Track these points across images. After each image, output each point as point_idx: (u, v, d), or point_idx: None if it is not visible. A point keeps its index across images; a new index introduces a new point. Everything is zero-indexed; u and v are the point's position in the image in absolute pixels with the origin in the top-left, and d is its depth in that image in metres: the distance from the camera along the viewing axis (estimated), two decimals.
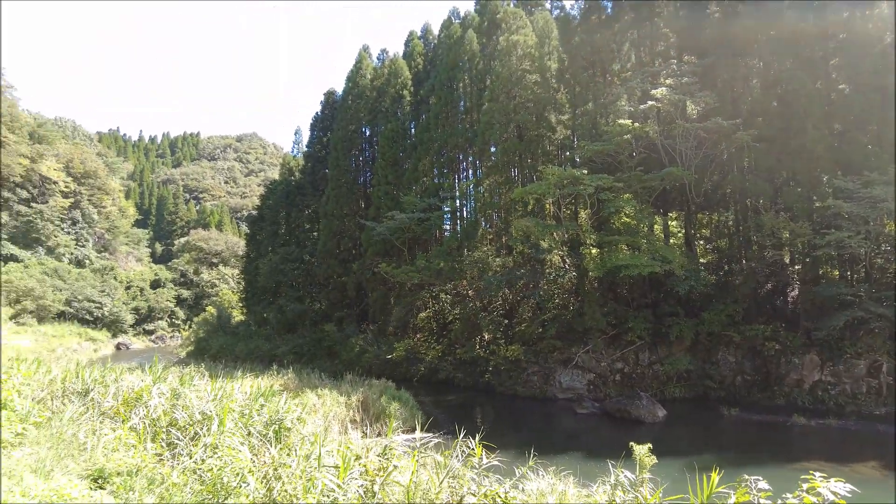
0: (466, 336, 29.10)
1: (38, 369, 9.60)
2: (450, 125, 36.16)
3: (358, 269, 38.31)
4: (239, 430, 7.32)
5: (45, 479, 4.67)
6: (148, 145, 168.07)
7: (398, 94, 40.59)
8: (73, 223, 75.23)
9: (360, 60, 44.79)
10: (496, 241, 33.26)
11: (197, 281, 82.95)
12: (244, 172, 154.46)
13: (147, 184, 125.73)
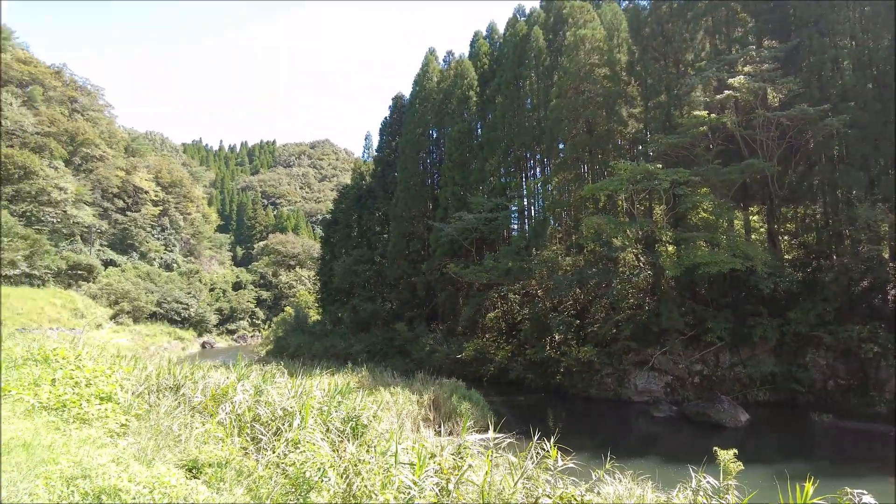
0: (536, 337, 28.76)
1: (135, 366, 10.36)
2: (517, 124, 35.91)
3: (427, 269, 38.75)
4: (318, 426, 7.58)
5: (148, 467, 5.02)
6: (228, 154, 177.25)
7: (464, 95, 40.72)
8: (163, 229, 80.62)
9: (427, 63, 45.29)
10: (566, 239, 32.70)
11: (275, 283, 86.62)
12: (318, 178, 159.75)
13: (228, 191, 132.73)
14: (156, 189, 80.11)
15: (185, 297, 68.45)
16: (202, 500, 4.80)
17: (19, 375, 7.97)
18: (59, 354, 8.99)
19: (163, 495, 4.52)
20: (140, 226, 75.68)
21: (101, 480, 4.35)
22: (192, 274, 76.81)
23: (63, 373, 7.89)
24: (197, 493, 4.87)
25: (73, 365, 8.58)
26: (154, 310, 63.80)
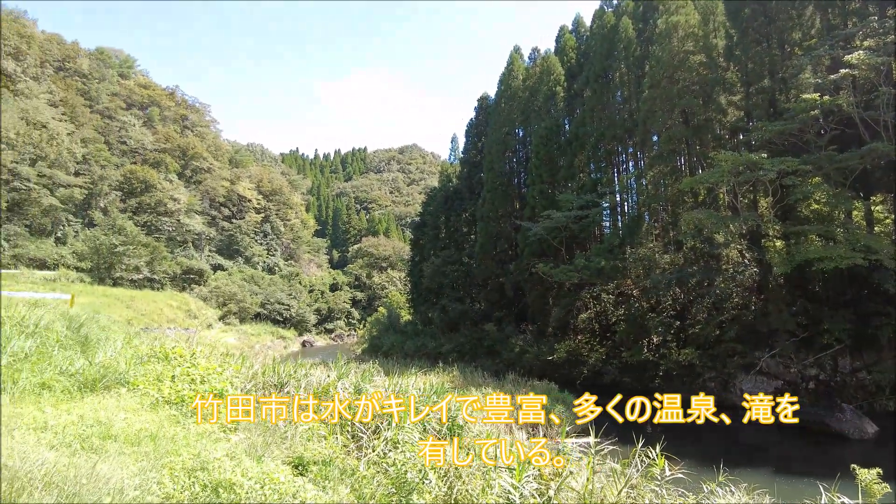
0: (632, 338, 27.68)
1: (243, 364, 11.05)
2: (606, 117, 34.77)
3: (515, 269, 38.45)
4: (416, 425, 7.66)
5: (258, 463, 5.31)
6: (323, 162, 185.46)
7: (551, 92, 40.02)
8: (265, 235, 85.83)
9: (512, 62, 44.98)
10: (663, 236, 31.24)
11: (369, 284, 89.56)
12: (406, 182, 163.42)
13: (323, 197, 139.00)
14: (258, 197, 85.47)
15: (286, 298, 72.38)
16: (309, 498, 4.99)
17: (145, 371, 8.75)
18: (177, 353, 9.77)
19: (272, 491, 4.75)
20: (244, 232, 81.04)
21: (217, 473, 4.65)
22: (293, 276, 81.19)
23: (181, 370, 8.57)
24: (304, 490, 5.07)
25: (189, 363, 9.31)
26: (258, 310, 67.98)
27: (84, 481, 3.94)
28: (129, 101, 79.94)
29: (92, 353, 9.26)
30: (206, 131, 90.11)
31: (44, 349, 8.94)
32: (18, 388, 7.29)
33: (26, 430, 5.38)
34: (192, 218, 71.41)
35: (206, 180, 78.37)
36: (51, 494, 3.71)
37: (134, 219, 63.83)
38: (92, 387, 7.61)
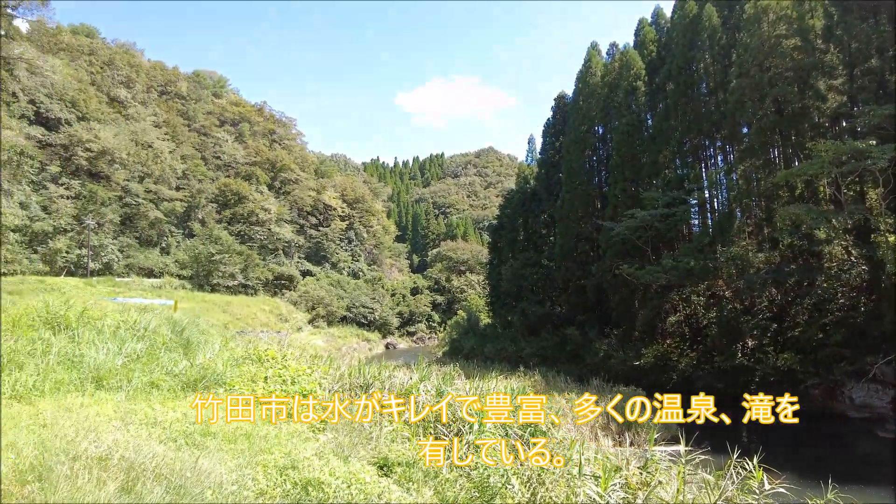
0: (725, 342, 26.19)
1: (330, 366, 11.50)
2: (691, 111, 33.22)
3: (597, 271, 37.46)
4: (497, 429, 7.64)
5: (345, 462, 5.52)
6: (402, 170, 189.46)
7: (631, 87, 38.75)
8: (349, 241, 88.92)
9: (590, 59, 44.00)
10: (756, 233, 29.40)
11: (448, 287, 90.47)
12: (483, 185, 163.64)
13: (403, 203, 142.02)
14: (342, 205, 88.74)
15: (370, 302, 74.62)
16: (394, 499, 5.11)
17: (240, 373, 9.33)
18: (270, 355, 10.34)
19: (359, 491, 4.92)
20: (330, 239, 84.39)
21: (306, 472, 4.89)
22: (376, 281, 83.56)
23: (273, 371, 9.06)
24: (389, 491, 5.21)
25: (280, 364, 9.82)
26: (344, 314, 70.49)
27: (188, 475, 4.27)
28: (222, 118, 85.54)
29: (193, 355, 9.98)
30: (292, 144, 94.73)
31: (152, 351, 9.76)
32: (132, 386, 8.00)
33: (139, 424, 5.89)
34: (282, 227, 75.15)
35: (294, 191, 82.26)
36: (160, 485, 4.05)
37: (229, 229, 68.14)
38: (193, 386, 8.22)
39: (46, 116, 53.48)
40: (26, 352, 8.59)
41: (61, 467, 4.26)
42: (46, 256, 48.14)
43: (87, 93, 59.71)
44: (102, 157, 55.49)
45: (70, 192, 52.38)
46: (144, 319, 11.46)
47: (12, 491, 3.97)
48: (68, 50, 64.43)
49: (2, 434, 5.01)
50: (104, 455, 4.46)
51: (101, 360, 8.66)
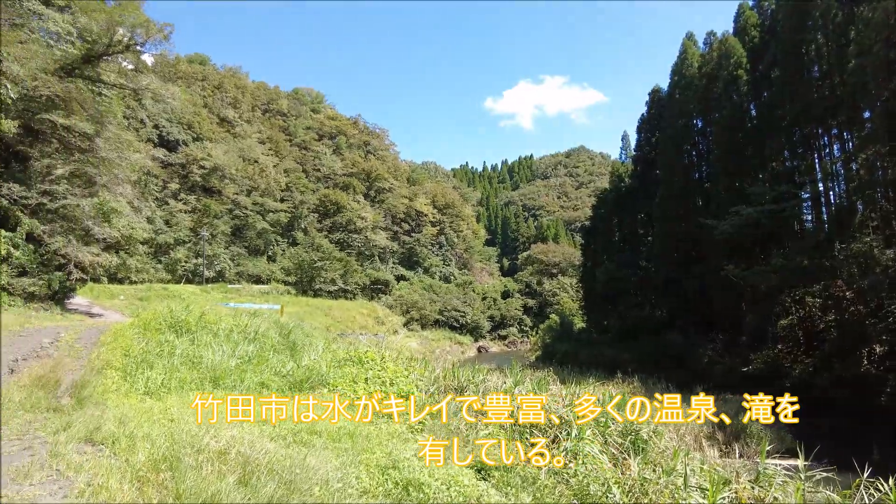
0: (848, 348, 23.93)
1: (425, 368, 11.81)
2: (801, 97, 30.74)
3: (699, 272, 35.54)
4: (596, 437, 7.49)
5: (444, 465, 5.66)
6: (490, 174, 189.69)
7: (731, 76, 36.48)
8: (440, 246, 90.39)
9: (685, 50, 41.97)
10: (883, 228, 26.66)
11: (539, 291, 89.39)
12: (574, 185, 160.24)
13: (492, 207, 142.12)
14: (433, 212, 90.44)
15: (461, 305, 75.37)
16: (493, 503, 5.18)
17: (342, 374, 9.82)
18: (369, 357, 10.78)
19: (458, 493, 5.04)
20: (422, 244, 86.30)
21: (406, 472, 5.08)
22: (467, 285, 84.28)
23: (373, 373, 9.46)
24: (488, 495, 5.29)
25: (379, 366, 10.23)
26: (437, 317, 71.70)
27: (297, 471, 4.60)
28: (320, 132, 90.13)
29: (299, 357, 10.63)
30: (385, 154, 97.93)
31: (262, 353, 10.50)
32: (245, 385, 8.68)
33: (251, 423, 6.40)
34: (377, 234, 77.82)
35: (388, 199, 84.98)
36: (273, 479, 4.40)
37: (329, 237, 71.63)
38: (300, 386, 8.77)
39: (167, 139, 59.07)
40: (155, 353, 9.57)
41: (188, 459, 4.75)
42: (168, 265, 53.00)
43: (200, 115, 65.25)
44: (214, 173, 60.33)
45: (187, 206, 57.35)
46: (255, 323, 12.35)
47: (149, 477, 4.48)
48: (184, 77, 70.64)
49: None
50: (224, 449, 4.91)
51: (218, 361, 9.46)
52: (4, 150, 17.90)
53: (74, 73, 21.57)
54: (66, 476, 4.74)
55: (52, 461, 5.05)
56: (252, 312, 15.04)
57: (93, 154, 21.30)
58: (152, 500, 4.13)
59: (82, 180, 21.36)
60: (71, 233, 20.21)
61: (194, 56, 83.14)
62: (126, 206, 25.70)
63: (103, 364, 8.92)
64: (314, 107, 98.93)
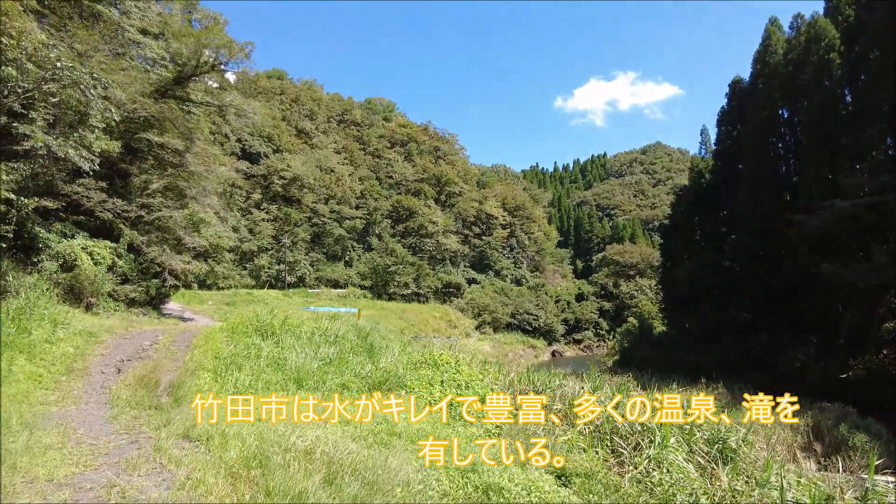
0: None
1: (499, 371, 11.81)
2: None
3: (788, 271, 33.34)
4: (681, 445, 7.19)
5: (523, 469, 5.65)
6: (562, 174, 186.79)
7: (822, 61, 34.00)
8: (511, 249, 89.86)
9: (768, 36, 39.61)
10: None
11: (616, 293, 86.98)
12: (651, 183, 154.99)
13: (564, 208, 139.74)
14: (503, 214, 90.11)
15: (534, 308, 74.51)
16: None
17: (418, 376, 10.01)
18: (444, 360, 10.92)
19: (539, 499, 5.02)
20: (493, 247, 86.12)
21: (486, 476, 5.12)
22: (539, 287, 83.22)
23: (448, 376, 9.58)
24: (569, 502, 5.23)
25: (454, 369, 10.34)
26: (509, 321, 71.25)
27: (380, 472, 4.75)
28: (392, 140, 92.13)
29: (377, 359, 10.93)
30: (455, 158, 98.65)
31: (342, 355, 10.88)
32: (326, 387, 9.02)
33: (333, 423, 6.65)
34: (448, 237, 78.47)
35: (458, 203, 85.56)
36: (357, 479, 4.57)
37: (402, 242, 73.04)
38: (378, 388, 9.02)
39: (250, 152, 62.42)
40: (243, 355, 10.13)
41: (276, 457, 5.02)
42: (253, 272, 55.88)
43: (280, 128, 68.46)
44: (294, 183, 63.10)
45: (269, 215, 60.29)
46: (334, 326, 12.81)
47: (241, 474, 4.77)
48: (264, 92, 74.31)
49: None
50: (309, 448, 5.14)
51: (301, 363, 9.89)
52: (110, 169, 19.50)
53: (167, 94, 23.23)
54: (168, 469, 5.13)
55: (155, 455, 5.48)
56: (331, 316, 15.60)
57: (183, 168, 22.81)
58: (245, 496, 4.40)
59: (174, 193, 22.91)
60: (165, 242, 21.70)
61: (273, 71, 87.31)
62: (213, 216, 27.34)
63: (196, 366, 9.54)
64: (386, 115, 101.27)
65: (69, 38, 16.96)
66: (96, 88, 15.44)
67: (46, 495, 4.47)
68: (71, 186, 17.90)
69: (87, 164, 15.51)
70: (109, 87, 16.72)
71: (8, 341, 9.30)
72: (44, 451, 5.52)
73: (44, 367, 9.31)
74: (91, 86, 15.02)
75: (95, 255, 17.51)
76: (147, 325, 16.97)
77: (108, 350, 11.37)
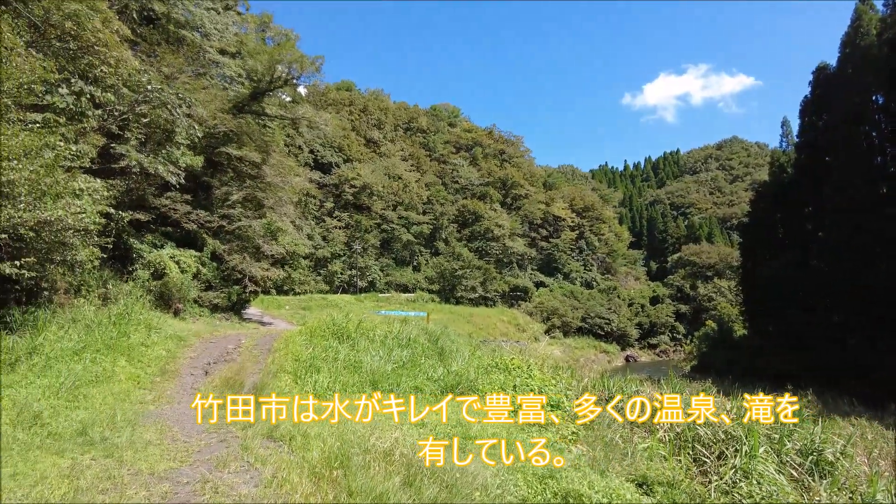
0: None
1: (572, 376, 11.59)
2: None
3: (887, 269, 30.80)
4: (770, 456, 6.76)
5: (602, 477, 5.52)
6: (633, 172, 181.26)
7: None
8: (580, 251, 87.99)
9: (858, 16, 36.90)
10: None
11: (693, 295, 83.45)
12: (728, 180, 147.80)
13: (636, 207, 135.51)
14: (571, 215, 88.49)
15: (606, 312, 72.58)
16: None
17: (490, 380, 9.99)
18: (515, 364, 10.84)
19: None
20: (561, 250, 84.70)
21: (565, 483, 5.03)
22: (611, 290, 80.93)
23: (520, 380, 9.50)
24: None
25: (525, 374, 10.25)
26: (580, 325, 69.76)
27: (457, 475, 4.77)
28: (457, 145, 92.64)
29: (448, 363, 11.00)
30: (521, 161, 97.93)
31: (414, 358, 11.03)
32: (401, 389, 9.17)
33: (410, 425, 6.74)
34: (515, 241, 77.91)
35: (525, 205, 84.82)
36: (435, 482, 4.61)
37: (468, 246, 73.24)
38: (451, 391, 9.07)
39: (321, 162, 64.63)
40: (321, 358, 10.47)
41: (357, 458, 5.14)
42: (326, 277, 57.77)
43: (349, 138, 70.47)
44: (363, 191, 64.78)
45: (341, 222, 62.16)
46: (405, 330, 13.02)
47: (324, 474, 4.93)
48: (334, 104, 76.71)
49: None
50: (388, 450, 5.24)
51: (376, 365, 10.12)
52: (193, 182, 20.73)
53: (244, 109, 24.46)
54: (254, 467, 5.38)
55: (243, 454, 5.76)
56: (402, 320, 15.85)
57: (261, 180, 23.90)
58: (328, 495, 4.53)
59: (253, 204, 24.03)
60: (245, 251, 22.79)
61: (342, 83, 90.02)
62: (289, 224, 28.47)
63: (277, 368, 9.95)
64: (451, 121, 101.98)
65: (157, 62, 18.20)
66: (181, 108, 16.51)
67: (149, 487, 4.80)
68: (160, 200, 19.16)
69: (173, 178, 16.62)
70: (193, 106, 17.83)
71: (111, 344, 10.07)
72: (145, 446, 5.93)
73: (141, 368, 10.01)
74: (177, 105, 16.08)
75: (182, 264, 18.63)
76: (230, 329, 17.88)
77: (196, 353, 12.06)
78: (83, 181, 10.98)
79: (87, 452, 5.60)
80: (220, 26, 24.62)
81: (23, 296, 10.49)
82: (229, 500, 4.60)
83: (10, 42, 8.25)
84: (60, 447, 5.74)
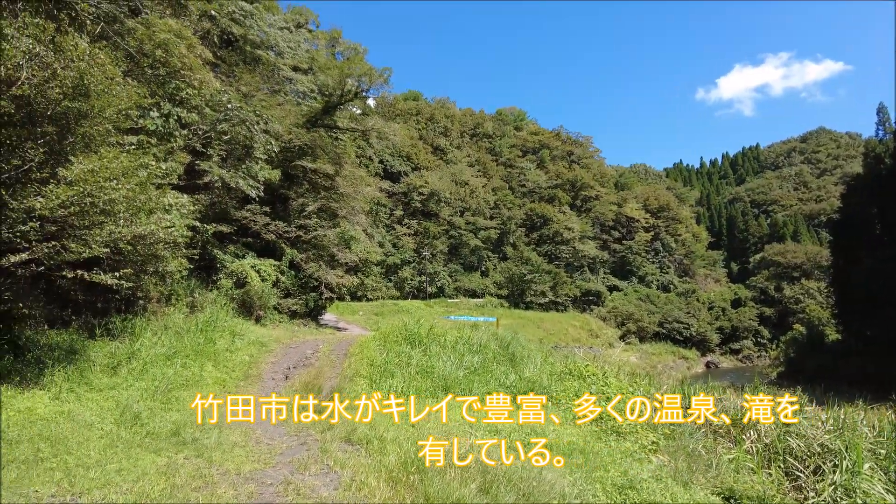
0: None
1: (650, 384, 11.20)
2: None
3: None
4: (876, 472, 6.15)
5: (685, 489, 5.28)
6: (709, 170, 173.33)
7: None
8: (656, 253, 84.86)
9: None
10: None
11: (778, 297, 78.61)
12: (815, 174, 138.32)
13: (714, 206, 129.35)
14: (645, 216, 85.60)
15: (684, 316, 69.62)
16: None
17: (563, 387, 9.82)
18: (590, 371, 10.61)
19: None
20: (635, 252, 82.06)
21: (646, 494, 4.87)
22: (689, 293, 77.51)
23: (595, 387, 9.28)
24: None
25: (601, 381, 10.00)
26: (657, 330, 67.26)
27: (534, 483, 4.72)
28: (523, 148, 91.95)
29: (519, 369, 10.92)
30: (590, 161, 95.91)
31: (485, 364, 11.03)
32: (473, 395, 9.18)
33: (483, 430, 6.74)
34: (586, 244, 76.26)
35: (595, 207, 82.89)
36: (512, 490, 4.58)
37: (537, 250, 72.41)
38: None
39: (391, 171, 66.00)
40: (395, 363, 10.67)
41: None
42: (397, 283, 58.82)
43: (417, 147, 71.56)
44: (432, 198, 65.54)
45: (410, 230, 63.19)
46: (476, 336, 13.03)
47: (401, 478, 5.01)
48: (402, 114, 78.20)
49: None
50: (462, 456, 5.25)
51: (447, 370, 10.19)
52: (271, 195, 21.72)
53: (317, 123, 25.38)
54: (333, 470, 5.54)
55: (322, 456, 5.95)
56: (472, 325, 15.89)
57: (334, 191, 24.70)
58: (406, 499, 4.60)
59: (327, 214, 24.87)
60: (321, 259, 23.60)
61: (409, 93, 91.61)
62: (362, 233, 29.23)
63: (353, 373, 10.22)
64: (517, 125, 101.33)
65: (236, 81, 19.27)
66: (259, 124, 17.39)
67: (237, 487, 5.05)
68: (240, 212, 20.20)
69: (253, 191, 17.51)
70: (269, 122, 18.72)
71: (199, 349, 10.71)
72: (231, 447, 6.25)
73: (226, 372, 10.56)
74: (255, 122, 16.95)
75: (262, 273, 19.52)
76: (307, 335, 18.54)
77: (277, 358, 12.59)
78: (172, 197, 11.79)
79: (180, 452, 5.99)
80: (293, 44, 25.74)
81: (122, 305, 11.41)
82: (311, 502, 4.77)
83: (110, 72, 8.99)
84: (157, 446, 6.17)
